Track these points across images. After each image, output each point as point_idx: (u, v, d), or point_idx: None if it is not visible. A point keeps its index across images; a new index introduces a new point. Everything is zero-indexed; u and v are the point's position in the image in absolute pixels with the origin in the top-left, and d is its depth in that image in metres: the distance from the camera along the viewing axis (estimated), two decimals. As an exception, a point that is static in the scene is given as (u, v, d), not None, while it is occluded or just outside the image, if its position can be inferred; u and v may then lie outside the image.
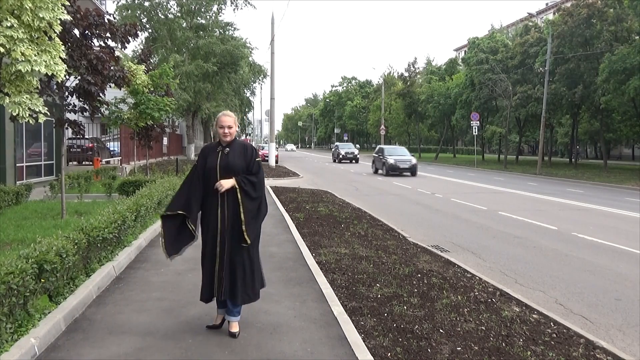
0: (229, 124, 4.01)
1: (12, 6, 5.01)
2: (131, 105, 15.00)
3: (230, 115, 4.08)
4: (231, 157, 3.95)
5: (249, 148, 4.07)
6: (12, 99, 5.29)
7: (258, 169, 4.00)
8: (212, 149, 4.07)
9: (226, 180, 3.87)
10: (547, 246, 8.60)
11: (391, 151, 28.12)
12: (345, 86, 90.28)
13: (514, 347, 3.99)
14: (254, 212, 3.93)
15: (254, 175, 3.97)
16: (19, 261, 3.84)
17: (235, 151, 3.99)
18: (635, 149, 45.02)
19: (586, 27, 28.71)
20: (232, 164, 3.92)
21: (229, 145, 4.01)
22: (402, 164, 26.02)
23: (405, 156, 27.08)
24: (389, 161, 26.12)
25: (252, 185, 3.92)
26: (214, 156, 3.99)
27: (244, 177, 3.91)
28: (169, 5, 32.26)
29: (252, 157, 4.00)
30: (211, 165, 3.94)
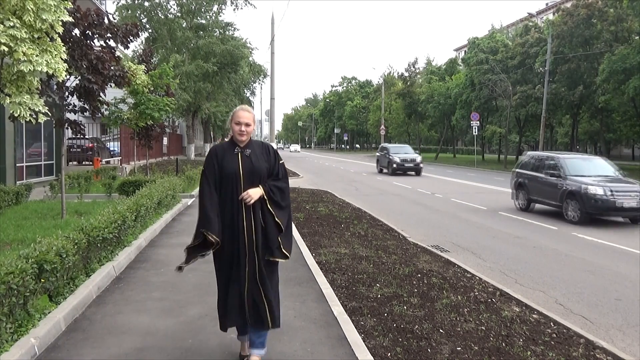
0: (247, 121, 3.41)
1: (15, 7, 5.01)
2: (131, 105, 15.00)
3: (249, 111, 3.48)
4: (255, 160, 3.38)
5: (271, 148, 3.55)
6: (13, 99, 5.29)
7: (285, 173, 3.51)
8: (228, 150, 3.43)
9: (254, 189, 3.32)
10: (547, 246, 8.60)
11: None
12: (345, 86, 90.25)
13: (514, 347, 3.99)
14: (285, 223, 3.43)
15: (281, 180, 3.47)
16: (19, 261, 3.84)
17: (257, 153, 3.43)
18: (635, 149, 45.02)
19: (586, 27, 28.72)
20: (258, 169, 3.36)
21: (248, 146, 3.43)
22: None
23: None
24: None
25: (281, 193, 3.43)
26: (233, 159, 3.37)
27: (271, 184, 3.39)
28: (169, 5, 32.26)
29: (275, 159, 3.48)
30: (231, 171, 3.34)
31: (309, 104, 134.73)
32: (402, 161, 25.66)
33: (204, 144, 46.52)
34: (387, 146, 28.23)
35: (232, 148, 3.42)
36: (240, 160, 3.36)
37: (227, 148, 3.44)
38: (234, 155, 3.38)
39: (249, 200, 3.28)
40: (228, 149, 3.43)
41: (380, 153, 28.34)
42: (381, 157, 27.92)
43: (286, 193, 3.48)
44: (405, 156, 26.10)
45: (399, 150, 27.57)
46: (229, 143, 3.48)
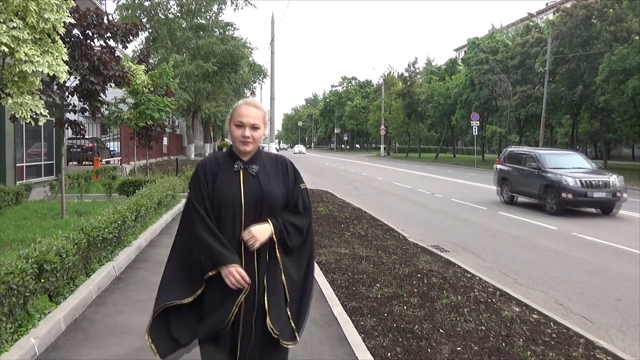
0: (254, 122, 2.28)
1: (17, 7, 5.01)
2: (131, 105, 15.01)
3: (257, 107, 2.34)
4: (265, 182, 2.28)
5: (289, 166, 2.41)
6: (15, 100, 5.29)
7: (307, 205, 2.39)
8: (224, 165, 2.32)
9: (260, 227, 2.21)
10: (547, 246, 8.60)
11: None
12: (345, 86, 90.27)
13: (514, 347, 3.99)
14: (301, 282, 2.33)
15: (301, 215, 2.34)
16: (19, 261, 3.84)
17: (268, 171, 2.32)
18: (635, 149, 45.01)
19: (585, 27, 28.73)
20: (269, 195, 2.26)
21: (255, 160, 2.32)
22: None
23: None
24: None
25: (298, 235, 2.31)
26: (231, 180, 2.27)
27: (286, 220, 2.28)
28: (169, 5, 32.28)
29: (295, 181, 2.37)
30: (226, 197, 2.23)
31: (309, 104, 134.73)
32: (586, 186, 12.03)
33: (204, 144, 46.53)
34: (535, 153, 13.87)
35: (230, 163, 2.30)
36: (242, 181, 2.26)
37: (223, 162, 2.32)
38: (233, 174, 2.27)
39: (254, 243, 2.18)
40: (225, 164, 2.30)
41: (511, 166, 14.42)
42: (514, 174, 14.19)
43: (307, 236, 2.35)
44: (588, 176, 12.29)
45: (564, 160, 13.55)
46: (226, 155, 2.35)
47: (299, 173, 2.43)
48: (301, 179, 2.42)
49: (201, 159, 2.31)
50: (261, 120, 2.32)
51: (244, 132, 2.26)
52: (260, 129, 2.29)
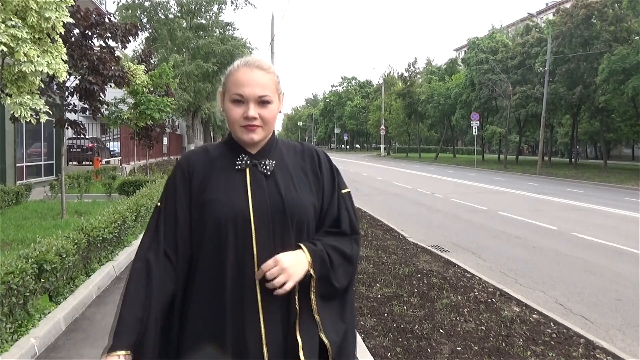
0: (263, 93, 1.45)
1: (17, 7, 5.01)
2: (131, 105, 15.02)
3: (265, 69, 1.48)
4: (285, 185, 1.48)
5: (321, 158, 1.59)
6: (14, 100, 5.29)
7: (354, 220, 1.57)
8: (220, 161, 1.51)
9: (290, 256, 1.39)
10: (547, 246, 8.60)
11: None
12: (345, 86, 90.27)
13: (514, 347, 3.99)
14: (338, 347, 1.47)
15: (347, 236, 1.54)
16: (19, 261, 3.84)
17: (289, 167, 1.52)
18: (635, 149, 45.03)
19: (585, 27, 28.74)
20: (295, 205, 1.46)
21: (268, 152, 1.53)
22: None
23: None
24: None
25: (348, 268, 1.52)
26: (233, 182, 1.46)
27: (328, 245, 1.48)
28: (169, 5, 32.27)
29: (333, 182, 1.57)
30: (229, 210, 1.41)
31: (309, 104, 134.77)
32: None
33: (204, 144, 46.51)
34: None
35: (230, 157, 1.50)
36: (249, 184, 1.45)
37: (219, 157, 1.51)
38: (233, 175, 1.47)
39: (285, 281, 1.35)
40: (221, 160, 1.50)
41: None
42: None
43: (353, 270, 1.54)
44: None
45: None
46: (223, 146, 1.55)
47: (338, 172, 1.59)
48: (343, 181, 1.59)
49: (184, 153, 1.56)
50: (272, 89, 1.46)
51: (246, 111, 1.41)
52: (272, 103, 1.45)
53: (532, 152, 56.17)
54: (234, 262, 1.39)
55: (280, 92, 1.53)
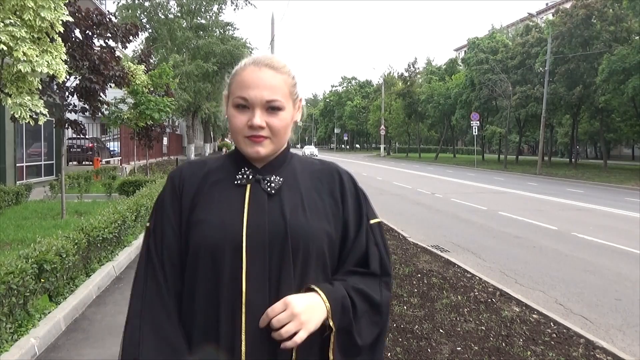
0: (272, 97, 1.17)
1: (15, 6, 5.01)
2: (131, 105, 15.02)
3: (276, 68, 1.20)
4: (292, 206, 1.18)
5: (344, 179, 1.29)
6: (14, 100, 5.29)
7: (387, 259, 1.27)
8: (218, 174, 1.24)
9: (303, 298, 1.08)
10: (547, 246, 8.60)
11: None
12: (345, 86, 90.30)
13: (514, 347, 3.99)
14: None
15: (377, 277, 1.23)
16: (19, 261, 3.84)
17: (300, 187, 1.22)
18: (635, 149, 45.03)
19: (585, 27, 28.74)
20: (300, 231, 1.14)
21: (276, 167, 1.24)
22: None
23: None
24: None
25: (376, 319, 1.20)
26: (229, 200, 1.18)
27: (352, 287, 1.17)
28: (169, 5, 32.27)
29: (358, 209, 1.28)
30: (218, 233, 1.14)
31: (309, 104, 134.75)
32: None
33: (203, 144, 46.55)
34: None
35: (230, 171, 1.24)
36: (247, 204, 1.17)
37: (218, 170, 1.26)
38: (231, 191, 1.20)
39: (291, 332, 1.05)
40: (218, 173, 1.25)
41: None
42: None
43: (383, 323, 1.23)
44: None
45: None
46: (226, 160, 1.28)
47: (366, 198, 1.31)
48: (372, 209, 1.31)
49: (179, 165, 1.32)
50: (284, 92, 1.19)
51: (251, 119, 1.15)
52: (283, 110, 1.18)
53: (532, 152, 56.17)
54: (220, 301, 1.10)
55: (297, 97, 1.26)
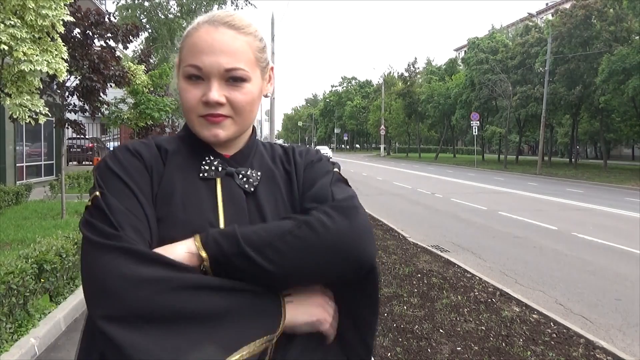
0: (233, 65, 0.91)
1: (15, 7, 5.01)
2: (131, 105, 15.03)
3: (237, 27, 0.93)
4: (271, 207, 0.96)
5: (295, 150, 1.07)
6: (14, 101, 5.29)
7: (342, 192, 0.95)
8: (179, 160, 0.96)
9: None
10: (547, 246, 8.60)
11: None
12: (345, 86, 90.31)
13: (514, 347, 3.99)
14: None
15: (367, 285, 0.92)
16: (19, 261, 3.85)
17: (277, 178, 1.00)
18: (635, 149, 45.03)
19: (585, 27, 28.75)
20: None
21: (245, 154, 1.01)
22: None
23: None
24: None
25: (369, 327, 0.95)
26: (199, 195, 0.92)
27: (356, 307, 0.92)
28: (169, 5, 32.28)
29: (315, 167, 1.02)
30: (189, 236, 0.85)
31: (309, 104, 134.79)
32: None
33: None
34: None
35: (190, 158, 0.97)
36: (221, 204, 0.93)
37: (174, 155, 0.96)
38: (196, 184, 0.94)
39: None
40: (177, 159, 0.96)
41: None
42: None
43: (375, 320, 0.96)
44: None
45: None
46: (180, 142, 0.99)
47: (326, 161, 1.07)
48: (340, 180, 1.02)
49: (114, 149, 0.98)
50: (249, 58, 0.94)
51: (207, 94, 0.91)
52: (248, 81, 0.94)
53: (532, 152, 56.17)
54: None
55: (267, 64, 1.00)
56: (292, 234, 0.83)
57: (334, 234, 0.84)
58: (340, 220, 0.86)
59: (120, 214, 0.83)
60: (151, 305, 0.75)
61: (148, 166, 0.92)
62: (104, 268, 0.78)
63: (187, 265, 0.81)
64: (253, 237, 0.83)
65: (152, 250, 0.82)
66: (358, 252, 0.86)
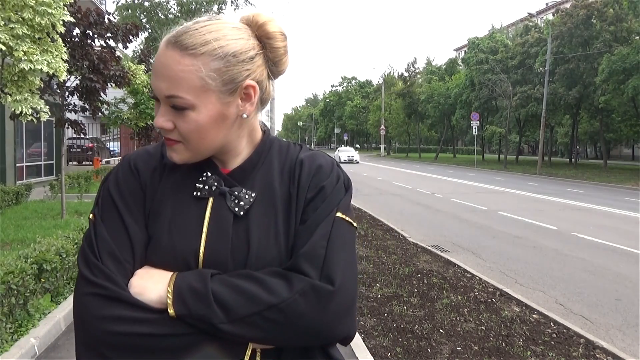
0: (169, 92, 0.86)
1: (15, 6, 5.01)
2: (131, 105, 15.02)
3: (185, 46, 0.86)
4: (261, 231, 0.90)
5: (305, 165, 0.95)
6: (14, 97, 5.28)
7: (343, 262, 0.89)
8: (175, 176, 0.94)
9: None
10: (547, 246, 8.60)
11: None
12: (345, 86, 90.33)
13: (514, 347, 3.99)
14: None
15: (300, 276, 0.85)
16: (19, 261, 3.85)
17: (277, 196, 0.93)
18: (635, 149, 45.03)
19: (585, 27, 28.76)
20: (263, 263, 0.88)
21: (247, 171, 0.95)
22: None
23: None
24: None
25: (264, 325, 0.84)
26: (186, 216, 0.90)
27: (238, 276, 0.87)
28: (169, 5, 32.28)
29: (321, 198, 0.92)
30: (170, 261, 0.88)
31: (309, 104, 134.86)
32: None
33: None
34: None
35: (190, 174, 0.94)
36: (206, 226, 0.90)
37: (174, 169, 0.95)
38: (188, 203, 0.92)
39: None
40: (176, 175, 0.95)
41: None
42: None
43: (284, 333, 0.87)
44: None
45: None
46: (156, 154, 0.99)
47: (339, 190, 0.95)
48: (344, 204, 0.94)
49: (126, 156, 0.99)
50: (193, 85, 0.86)
51: (158, 119, 0.89)
52: (192, 109, 0.87)
53: (532, 152, 56.17)
54: None
55: (237, 84, 0.89)
56: (270, 310, 0.82)
57: (309, 323, 0.84)
58: (318, 308, 0.84)
59: (104, 243, 0.88)
60: (117, 340, 0.82)
61: (142, 183, 0.93)
62: (81, 299, 0.86)
63: (153, 307, 0.84)
64: (230, 304, 0.82)
65: (122, 292, 0.85)
66: (333, 335, 0.87)
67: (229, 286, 0.84)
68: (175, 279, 0.85)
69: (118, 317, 0.82)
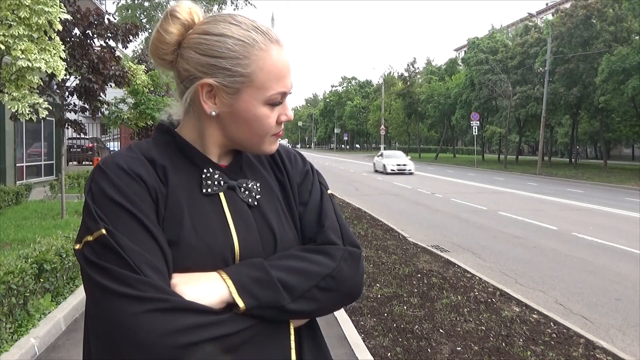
0: None
1: (11, 6, 5.01)
2: (131, 105, 15.02)
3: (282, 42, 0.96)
4: (275, 217, 0.97)
5: (283, 154, 1.07)
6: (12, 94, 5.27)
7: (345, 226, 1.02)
8: (175, 177, 0.91)
9: None
10: (547, 246, 8.60)
11: None
12: (345, 86, 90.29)
13: (514, 347, 3.99)
14: None
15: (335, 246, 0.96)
16: (19, 261, 3.85)
17: (270, 184, 1.01)
18: (635, 149, 45.02)
19: (585, 27, 28.77)
20: (287, 246, 0.96)
21: (238, 165, 0.99)
22: None
23: None
24: None
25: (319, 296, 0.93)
26: (204, 215, 0.90)
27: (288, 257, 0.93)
28: (169, 5, 32.28)
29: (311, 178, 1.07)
30: (208, 260, 0.87)
31: (309, 104, 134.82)
32: None
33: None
34: None
35: (188, 171, 0.93)
36: (231, 221, 0.92)
37: (171, 171, 0.92)
38: (201, 201, 0.91)
39: None
40: (175, 176, 0.91)
41: None
42: None
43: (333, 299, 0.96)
44: None
45: None
46: (172, 154, 0.95)
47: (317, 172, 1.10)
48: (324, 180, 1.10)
49: (106, 159, 0.91)
50: None
51: (286, 112, 1.00)
52: None
53: (532, 152, 56.16)
54: None
55: None
56: (325, 280, 0.91)
57: (351, 284, 0.95)
58: (355, 270, 0.97)
59: (136, 254, 0.80)
60: (193, 351, 0.76)
61: (151, 189, 0.87)
62: (136, 321, 0.75)
63: (217, 309, 0.82)
64: (292, 284, 0.88)
65: (184, 301, 0.80)
66: (360, 291, 0.99)
67: (283, 268, 0.89)
68: (230, 275, 0.85)
69: (187, 327, 0.76)
